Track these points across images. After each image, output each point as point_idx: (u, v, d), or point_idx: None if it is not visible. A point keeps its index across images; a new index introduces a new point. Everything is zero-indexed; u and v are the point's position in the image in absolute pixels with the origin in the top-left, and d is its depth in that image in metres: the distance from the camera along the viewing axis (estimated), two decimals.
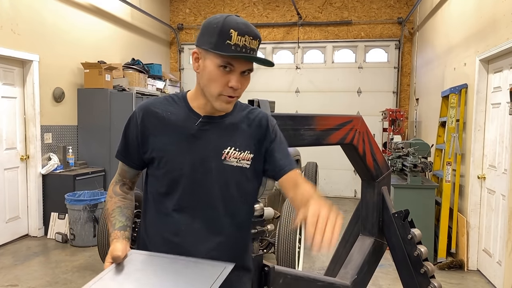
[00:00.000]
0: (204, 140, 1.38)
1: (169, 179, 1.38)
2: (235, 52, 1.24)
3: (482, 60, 4.37)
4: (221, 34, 1.25)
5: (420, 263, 2.39)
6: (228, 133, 1.41)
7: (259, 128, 1.46)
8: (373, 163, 2.50)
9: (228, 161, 1.39)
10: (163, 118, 1.39)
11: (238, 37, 1.25)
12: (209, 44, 1.27)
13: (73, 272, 4.33)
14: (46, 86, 5.59)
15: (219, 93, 1.31)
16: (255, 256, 1.90)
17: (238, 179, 1.42)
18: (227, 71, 1.28)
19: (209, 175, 1.38)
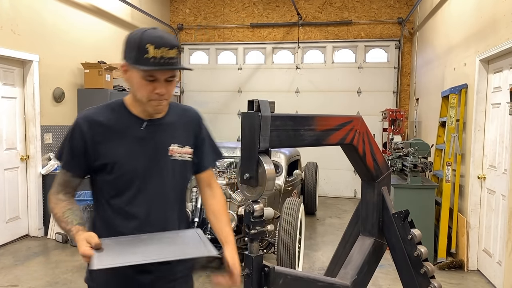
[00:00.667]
0: (152, 141, 1.56)
1: (123, 181, 1.52)
2: (154, 64, 1.39)
3: (482, 60, 4.37)
4: (139, 49, 1.39)
5: (420, 264, 2.39)
6: (169, 132, 1.60)
7: (194, 125, 1.70)
8: (373, 163, 2.50)
9: (173, 157, 1.59)
10: (108, 126, 1.52)
11: (155, 50, 1.38)
12: (130, 59, 1.43)
13: (73, 272, 4.33)
14: (46, 86, 5.59)
15: (147, 99, 1.47)
16: (255, 256, 1.90)
17: (183, 171, 1.64)
18: (151, 81, 1.44)
19: (160, 170, 1.56)
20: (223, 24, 9.30)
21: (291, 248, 3.63)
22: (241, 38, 9.28)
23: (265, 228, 1.89)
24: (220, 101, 9.41)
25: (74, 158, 1.53)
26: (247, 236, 1.91)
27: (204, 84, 9.38)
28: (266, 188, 1.85)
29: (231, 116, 9.36)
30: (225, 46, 9.39)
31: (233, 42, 9.31)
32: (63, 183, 1.56)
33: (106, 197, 1.55)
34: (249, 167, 1.83)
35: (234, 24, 9.25)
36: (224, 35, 9.35)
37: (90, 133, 1.50)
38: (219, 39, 9.38)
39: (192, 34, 9.52)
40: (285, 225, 3.72)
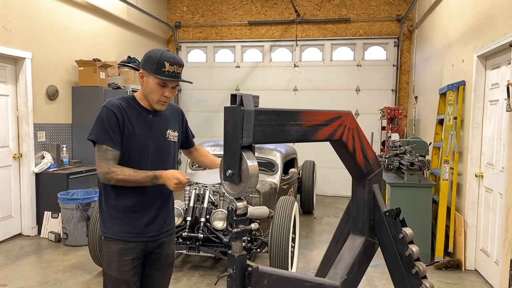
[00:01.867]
0: (156, 127, 2.21)
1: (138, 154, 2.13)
2: (167, 76, 2.06)
3: (480, 56, 4.30)
4: (159, 64, 2.04)
5: (412, 263, 2.32)
6: (166, 121, 2.26)
7: (178, 117, 2.37)
8: (363, 160, 2.43)
9: (169, 139, 2.26)
10: (127, 112, 2.11)
11: (170, 66, 2.06)
12: (151, 69, 2.06)
13: (64, 272, 4.28)
14: (39, 83, 5.53)
15: (158, 100, 2.13)
16: (238, 256, 1.84)
17: (174, 148, 2.31)
18: (163, 86, 2.10)
19: (161, 147, 2.21)
20: (221, 22, 9.23)
21: (283, 247, 3.56)
22: (238, 36, 9.21)
23: (249, 227, 1.83)
24: (218, 99, 9.34)
25: (114, 134, 2.05)
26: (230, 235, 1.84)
27: (201, 82, 9.32)
28: (248, 185, 1.78)
29: None
30: (222, 44, 9.32)
31: (231, 40, 9.25)
32: (112, 158, 2.04)
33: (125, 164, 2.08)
34: (232, 163, 1.78)
35: (232, 22, 9.18)
36: (221, 33, 9.29)
37: (119, 114, 2.07)
38: (217, 37, 9.31)
39: (189, 32, 9.45)
40: (278, 224, 3.65)
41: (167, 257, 2.31)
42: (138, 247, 2.15)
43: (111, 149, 2.04)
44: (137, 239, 2.15)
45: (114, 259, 2.12)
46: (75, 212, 5.02)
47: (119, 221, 2.13)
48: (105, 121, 2.05)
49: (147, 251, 2.21)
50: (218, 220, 3.97)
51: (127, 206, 2.13)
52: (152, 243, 2.21)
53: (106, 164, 2.02)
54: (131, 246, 2.13)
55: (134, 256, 2.14)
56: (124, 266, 2.12)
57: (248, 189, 1.78)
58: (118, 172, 2.01)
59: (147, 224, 2.17)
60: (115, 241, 2.13)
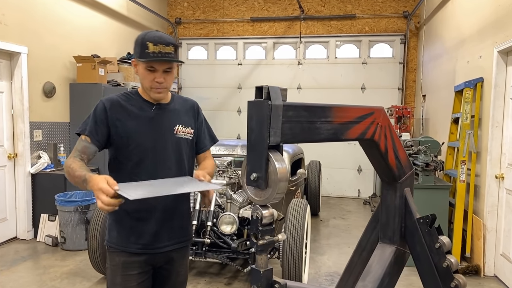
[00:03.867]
0: (160, 121, 1.93)
1: (138, 152, 1.86)
2: (151, 57, 1.77)
3: (501, 51, 4.09)
4: (141, 46, 1.78)
5: (450, 276, 2.10)
6: (175, 115, 1.97)
7: (192, 113, 2.06)
8: (395, 161, 2.21)
9: (178, 135, 1.96)
10: (126, 107, 1.88)
11: (154, 46, 1.76)
12: (136, 54, 1.83)
13: (62, 278, 4.04)
14: (36, 80, 5.29)
15: (150, 86, 1.85)
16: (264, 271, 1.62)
17: (185, 147, 1.99)
18: (152, 71, 1.81)
19: (166, 145, 1.91)
20: (223, 18, 9.00)
21: (297, 253, 3.34)
22: (241, 33, 8.98)
23: (276, 238, 1.60)
24: (220, 97, 9.11)
25: (96, 126, 1.81)
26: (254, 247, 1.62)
27: (202, 80, 9.09)
28: (277, 190, 1.56)
29: (231, 113, 9.07)
30: (224, 41, 9.09)
31: (233, 36, 9.01)
32: (81, 149, 1.79)
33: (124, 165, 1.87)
34: (257, 165, 1.56)
35: (234, 18, 8.95)
36: (223, 29, 9.05)
37: (111, 110, 1.84)
38: (218, 34, 9.07)
39: (190, 28, 9.21)
40: (291, 229, 3.43)
41: (178, 275, 2.01)
42: (145, 260, 1.88)
43: (83, 140, 1.80)
44: (143, 251, 1.87)
45: (118, 274, 1.87)
46: (73, 214, 4.78)
47: (122, 229, 1.88)
48: (93, 113, 1.85)
49: (155, 265, 1.94)
50: (226, 224, 3.75)
51: (129, 211, 1.86)
52: (161, 257, 1.92)
53: (72, 154, 1.79)
54: (136, 259, 1.86)
55: (140, 271, 1.87)
56: (129, 282, 1.85)
57: (276, 195, 1.56)
58: (68, 162, 1.73)
59: (155, 233, 1.88)
60: (118, 252, 1.88)
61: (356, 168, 8.59)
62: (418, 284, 4.03)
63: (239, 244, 3.71)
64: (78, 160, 1.75)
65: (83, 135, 1.81)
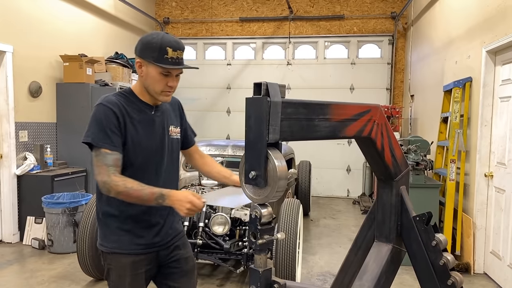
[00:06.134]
0: (158, 123, 1.94)
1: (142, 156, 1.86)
2: (171, 63, 1.78)
3: (489, 51, 4.14)
4: (160, 51, 1.75)
5: (447, 274, 2.10)
6: (167, 116, 1.99)
7: (178, 111, 2.10)
8: (391, 159, 2.20)
9: (172, 135, 2.00)
10: (127, 111, 1.83)
11: (173, 52, 1.77)
12: (152, 57, 1.77)
13: (50, 282, 3.94)
14: (21, 79, 5.17)
15: (161, 90, 1.84)
16: (262, 271, 1.59)
17: (177, 146, 2.05)
18: (166, 75, 1.81)
19: (166, 148, 1.95)
20: (211, 18, 8.95)
21: (291, 253, 3.32)
22: (230, 33, 8.94)
23: (275, 237, 1.58)
24: (208, 98, 9.06)
25: (115, 137, 1.77)
26: (253, 247, 1.60)
27: (191, 80, 9.01)
28: (276, 189, 1.54)
29: (220, 114, 9.02)
30: (213, 41, 9.04)
31: (222, 36, 8.97)
32: (114, 164, 1.75)
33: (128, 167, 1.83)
34: (256, 163, 1.53)
35: (223, 18, 8.91)
36: (212, 29, 9.00)
37: (118, 113, 1.79)
38: (207, 34, 9.02)
39: (178, 28, 9.14)
40: (285, 229, 3.41)
41: (187, 261, 2.06)
42: (150, 257, 1.93)
43: (110, 152, 1.74)
44: (148, 250, 1.91)
45: (127, 274, 1.87)
46: (61, 217, 4.68)
47: (125, 233, 1.87)
48: (103, 120, 1.75)
49: (161, 260, 1.98)
50: (218, 225, 3.71)
51: (134, 215, 1.86)
52: (164, 251, 1.97)
53: (106, 171, 1.71)
54: (143, 257, 1.90)
55: (147, 268, 1.93)
56: (138, 281, 1.90)
57: (276, 193, 1.53)
58: (119, 183, 1.70)
59: (157, 233, 1.93)
60: (125, 255, 1.87)
61: (345, 168, 8.62)
62: (410, 283, 4.06)
63: (231, 245, 3.68)
64: (125, 177, 1.73)
65: (103, 148, 1.73)
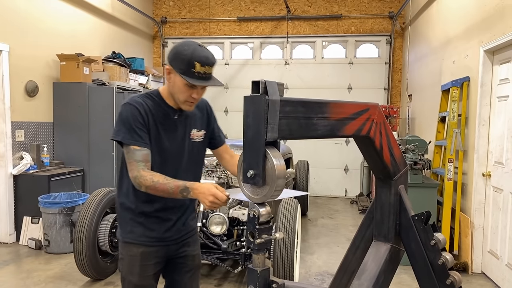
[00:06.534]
0: (181, 127, 2.01)
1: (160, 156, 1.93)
2: (198, 78, 1.82)
3: (487, 51, 4.14)
4: (188, 64, 1.79)
5: (446, 273, 2.10)
6: (192, 120, 2.06)
7: (206, 113, 2.14)
8: (390, 158, 2.19)
9: (194, 139, 2.06)
10: (153, 113, 1.92)
11: (201, 67, 1.80)
12: (180, 69, 1.82)
13: (47, 282, 3.92)
14: (18, 79, 5.14)
15: (184, 100, 1.91)
16: (261, 270, 1.58)
17: (200, 149, 2.11)
18: (190, 87, 1.87)
19: (185, 150, 2.02)
20: (209, 17, 8.93)
21: (289, 253, 3.31)
22: (227, 32, 8.92)
23: (273, 237, 1.56)
24: (206, 97, 8.97)
25: (143, 134, 1.86)
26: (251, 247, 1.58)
27: None
28: (275, 188, 1.53)
29: (218, 113, 8.79)
30: (210, 41, 9.02)
31: (219, 36, 8.95)
32: (143, 159, 1.84)
33: None
34: (254, 162, 1.52)
35: (220, 18, 8.89)
36: (209, 29, 8.98)
37: (143, 112, 1.88)
38: (205, 33, 9.00)
39: (176, 27, 9.12)
40: (283, 228, 3.40)
41: (194, 259, 2.16)
42: (160, 250, 2.02)
43: (139, 149, 1.84)
44: (158, 243, 2.01)
45: (137, 263, 1.98)
46: (58, 217, 4.65)
47: (138, 225, 1.99)
48: (130, 118, 1.86)
49: (169, 255, 2.07)
50: (216, 224, 3.70)
51: (147, 212, 1.98)
52: (174, 246, 2.06)
53: (136, 166, 1.82)
54: (153, 249, 2.00)
55: (156, 260, 2.02)
56: (147, 271, 1.99)
57: (274, 192, 1.52)
58: (148, 177, 1.79)
59: (168, 228, 2.02)
60: (136, 245, 1.99)
61: (343, 167, 8.61)
62: (408, 282, 4.06)
63: (229, 245, 3.66)
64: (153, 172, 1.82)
65: (132, 145, 1.83)
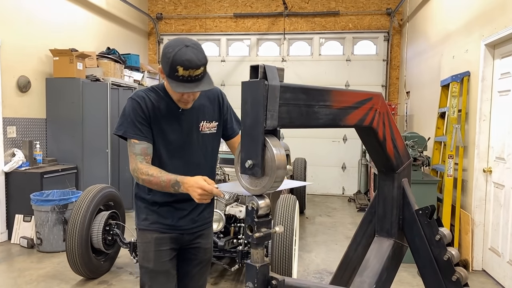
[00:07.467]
0: (187, 120, 1.96)
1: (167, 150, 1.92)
2: (182, 81, 1.73)
3: (488, 44, 4.07)
4: (171, 68, 1.72)
5: (452, 269, 2.01)
6: (200, 111, 1.99)
7: (217, 103, 2.07)
8: (393, 150, 2.11)
9: (204, 131, 2.01)
10: (156, 107, 1.90)
11: (184, 71, 1.70)
12: (165, 72, 1.77)
13: (39, 282, 3.82)
14: (9, 74, 5.02)
15: (177, 99, 1.89)
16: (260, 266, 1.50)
17: (211, 141, 2.05)
18: None
19: (193, 142, 1.97)
20: (205, 13, 8.83)
21: (287, 250, 3.23)
22: (224, 29, 8.83)
23: (273, 230, 1.48)
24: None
25: (143, 129, 1.86)
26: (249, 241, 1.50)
27: None
28: (275, 179, 1.44)
29: None
30: (207, 37, 8.92)
31: (216, 33, 8.86)
32: (141, 152, 1.84)
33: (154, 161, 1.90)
34: (253, 151, 1.44)
35: (217, 14, 8.80)
36: (206, 25, 8.89)
37: (144, 105, 1.87)
38: (201, 30, 8.90)
39: (171, 24, 9.01)
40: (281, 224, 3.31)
41: (205, 252, 2.14)
42: (173, 237, 2.01)
43: (138, 142, 1.85)
44: (172, 231, 2.00)
45: (151, 249, 1.98)
46: (50, 214, 4.55)
47: (152, 212, 2.00)
48: (131, 112, 1.86)
49: (183, 244, 2.06)
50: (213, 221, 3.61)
51: (160, 202, 1.98)
52: (188, 236, 2.04)
53: (134, 159, 1.84)
54: (166, 236, 1.99)
55: (171, 247, 2.01)
56: (162, 257, 1.98)
57: (274, 184, 1.43)
58: (143, 169, 1.80)
59: (182, 217, 2.01)
60: (150, 231, 1.99)
61: (341, 165, 8.55)
62: (408, 280, 3.98)
63: (226, 242, 3.58)
64: (150, 165, 1.83)
65: (132, 139, 1.84)
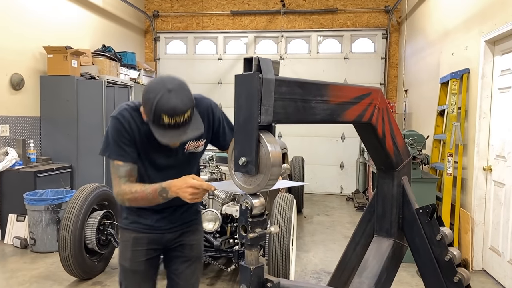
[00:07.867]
0: None
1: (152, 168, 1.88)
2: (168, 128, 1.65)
3: (488, 41, 4.01)
4: (155, 115, 1.64)
5: (453, 270, 1.96)
6: None
7: (207, 119, 1.95)
8: (393, 147, 2.05)
9: (189, 150, 1.93)
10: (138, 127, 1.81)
11: (169, 119, 1.63)
12: (148, 117, 1.69)
13: (31, 282, 3.75)
14: (2, 71, 4.94)
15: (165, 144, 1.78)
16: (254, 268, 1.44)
17: (195, 159, 2.01)
18: None
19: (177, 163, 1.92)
20: (202, 11, 8.76)
21: (284, 250, 3.17)
22: (221, 27, 8.76)
23: (268, 231, 1.42)
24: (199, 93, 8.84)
25: (129, 148, 1.79)
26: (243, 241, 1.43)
27: (181, 75, 8.54)
28: (269, 177, 1.38)
29: None
30: (204, 35, 8.85)
31: (213, 30, 8.78)
32: (127, 174, 1.79)
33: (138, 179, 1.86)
34: (247, 148, 1.37)
35: (214, 12, 8.72)
36: (203, 23, 8.81)
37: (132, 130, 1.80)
38: (198, 27, 8.83)
39: (168, 22, 8.93)
40: (278, 225, 3.26)
41: (192, 248, 2.06)
42: (153, 238, 1.97)
43: (122, 164, 1.79)
44: (150, 231, 1.96)
45: (128, 249, 1.96)
46: (44, 214, 4.48)
47: (132, 212, 1.97)
48: (114, 134, 1.79)
49: (167, 244, 2.01)
50: (208, 221, 3.55)
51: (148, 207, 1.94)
52: (169, 235, 1.99)
53: (118, 182, 1.79)
54: (145, 236, 1.96)
55: (149, 247, 1.97)
56: (138, 257, 1.95)
57: (269, 182, 1.37)
58: (127, 190, 1.76)
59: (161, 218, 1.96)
60: (129, 230, 1.97)
61: (339, 164, 8.49)
62: (407, 280, 3.93)
63: (222, 242, 3.52)
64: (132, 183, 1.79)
65: (116, 160, 1.78)
